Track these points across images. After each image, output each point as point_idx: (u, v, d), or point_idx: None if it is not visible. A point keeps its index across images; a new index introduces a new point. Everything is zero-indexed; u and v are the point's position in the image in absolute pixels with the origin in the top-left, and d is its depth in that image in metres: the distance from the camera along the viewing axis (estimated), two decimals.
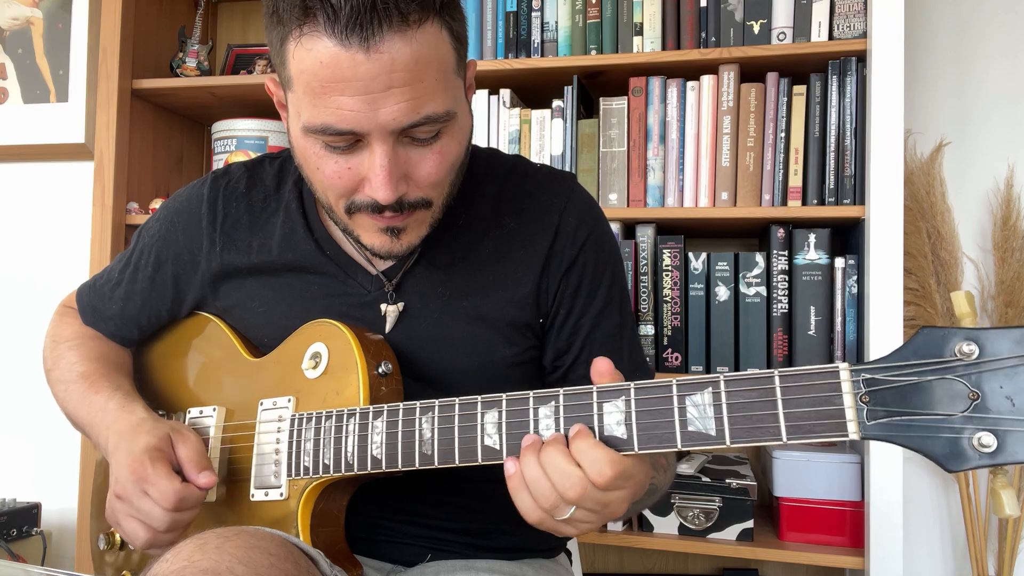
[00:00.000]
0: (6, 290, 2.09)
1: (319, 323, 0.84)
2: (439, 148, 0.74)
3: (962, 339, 0.54)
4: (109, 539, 0.94)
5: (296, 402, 0.83)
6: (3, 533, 1.69)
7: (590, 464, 0.63)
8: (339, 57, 0.67)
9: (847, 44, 1.44)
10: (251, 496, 0.84)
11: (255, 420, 0.86)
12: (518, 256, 0.87)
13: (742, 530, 1.46)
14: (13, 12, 2.00)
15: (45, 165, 2.08)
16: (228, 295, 0.93)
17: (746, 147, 1.48)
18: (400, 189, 0.74)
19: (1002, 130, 1.64)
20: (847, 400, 0.56)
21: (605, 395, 0.65)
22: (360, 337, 0.81)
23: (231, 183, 0.94)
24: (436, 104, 0.71)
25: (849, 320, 1.44)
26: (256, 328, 0.92)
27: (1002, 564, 1.52)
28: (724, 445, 0.61)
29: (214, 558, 0.63)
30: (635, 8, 1.55)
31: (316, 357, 0.83)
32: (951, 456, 0.54)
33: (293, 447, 0.81)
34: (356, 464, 0.76)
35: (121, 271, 0.99)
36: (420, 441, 0.73)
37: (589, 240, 0.88)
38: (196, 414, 0.92)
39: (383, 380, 0.80)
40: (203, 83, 1.75)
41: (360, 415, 0.77)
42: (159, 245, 0.95)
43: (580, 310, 0.88)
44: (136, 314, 0.98)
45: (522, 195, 0.89)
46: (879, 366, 0.56)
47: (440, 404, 0.73)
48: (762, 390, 0.60)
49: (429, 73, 0.70)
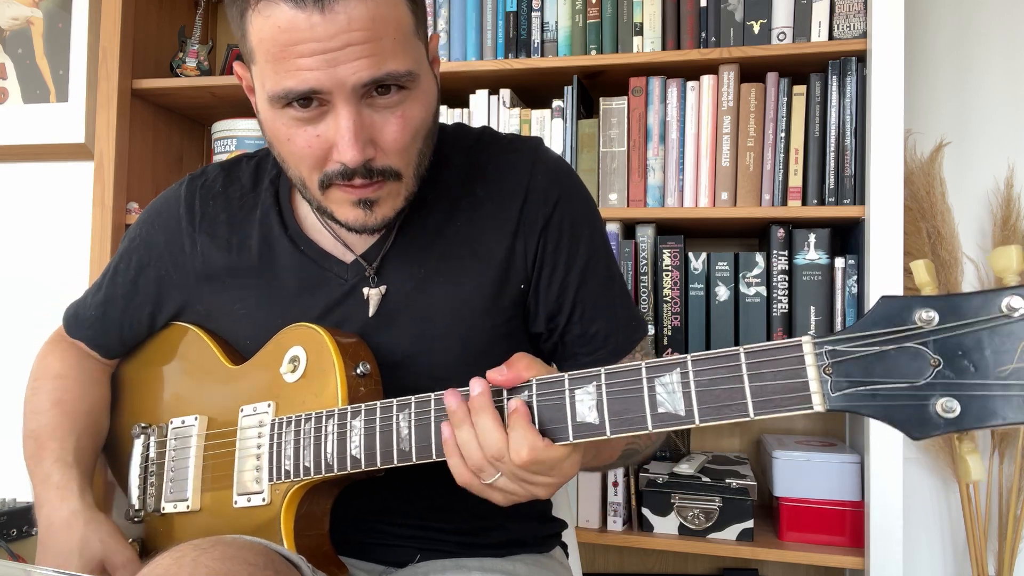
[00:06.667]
0: (6, 290, 2.09)
1: (297, 327, 0.84)
2: (402, 112, 0.74)
3: (922, 307, 0.54)
4: None
5: (276, 406, 0.83)
6: (3, 533, 1.69)
7: (513, 441, 0.65)
8: (296, 20, 0.68)
9: (847, 44, 1.44)
10: (234, 503, 0.84)
11: (235, 427, 0.86)
12: (490, 224, 0.85)
13: (742, 530, 1.46)
14: (13, 12, 2.00)
15: (45, 165, 2.08)
16: (210, 299, 0.92)
17: (746, 147, 1.48)
18: (367, 152, 0.73)
19: (1002, 130, 1.64)
20: (811, 372, 0.57)
21: (576, 381, 0.66)
22: (337, 339, 0.81)
23: (207, 183, 0.93)
24: (397, 62, 0.71)
25: (849, 320, 1.44)
26: (239, 331, 0.91)
27: (1002, 564, 1.52)
28: (694, 424, 0.61)
29: (189, 571, 0.63)
30: (635, 8, 1.55)
31: (295, 361, 0.83)
32: (915, 423, 0.54)
33: (274, 451, 0.81)
34: (336, 464, 0.76)
35: (102, 277, 0.98)
36: (398, 438, 0.73)
37: (562, 198, 0.86)
38: (179, 424, 0.91)
39: (362, 380, 0.80)
40: (203, 83, 1.75)
41: (339, 415, 0.77)
42: (140, 250, 0.95)
43: (564, 267, 0.86)
44: (118, 318, 0.97)
45: (487, 162, 0.88)
46: (841, 337, 0.56)
47: (416, 400, 0.73)
48: (729, 367, 0.60)
49: (387, 31, 0.70)
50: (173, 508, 0.89)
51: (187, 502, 0.88)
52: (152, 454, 0.93)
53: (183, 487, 0.89)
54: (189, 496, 0.88)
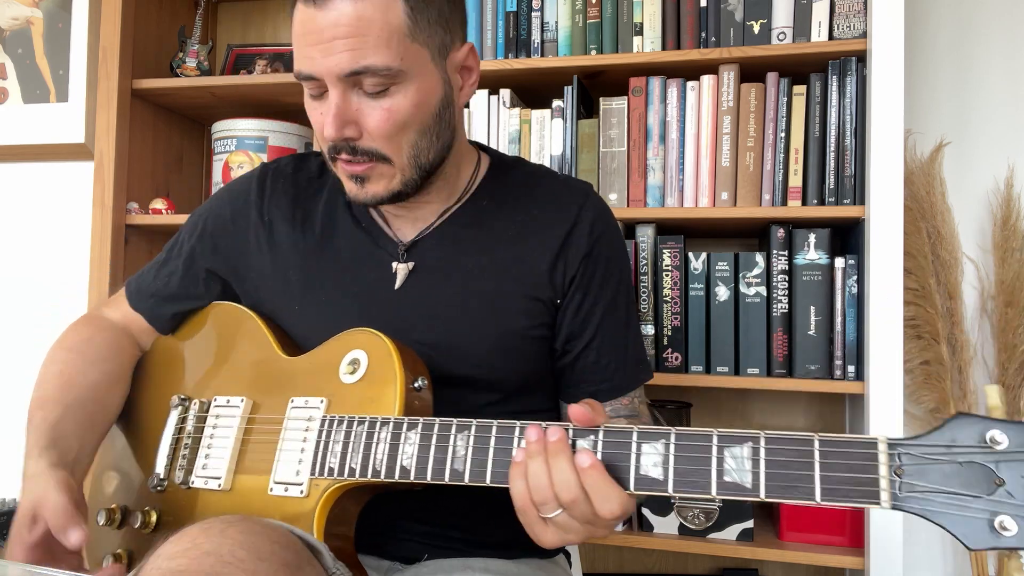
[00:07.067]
0: (6, 290, 2.09)
1: (360, 331, 0.86)
2: (388, 104, 0.84)
3: (994, 429, 0.59)
4: (110, 515, 0.94)
5: (328, 404, 0.85)
6: (3, 533, 1.69)
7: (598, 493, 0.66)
8: (305, 15, 0.82)
9: (847, 44, 1.44)
10: (269, 490, 0.84)
11: (283, 416, 0.87)
12: (537, 238, 0.94)
13: (742, 530, 1.46)
14: (13, 12, 2.00)
15: (45, 165, 2.08)
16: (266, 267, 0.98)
17: (746, 147, 1.48)
18: (347, 132, 0.84)
19: (1002, 130, 1.64)
20: (883, 471, 0.60)
21: (645, 436, 0.68)
22: (401, 350, 0.83)
23: (279, 168, 1.05)
24: (377, 58, 0.81)
25: (849, 320, 1.44)
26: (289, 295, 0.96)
27: (1002, 564, 1.52)
28: (758, 498, 0.63)
29: (217, 541, 0.65)
30: (635, 8, 1.55)
31: (355, 363, 0.85)
32: (972, 535, 0.58)
33: (320, 447, 0.82)
34: (384, 471, 0.77)
35: (165, 251, 1.06)
36: (453, 456, 0.75)
37: (604, 235, 0.96)
38: (223, 402, 0.93)
39: (417, 394, 0.82)
40: (203, 83, 1.75)
41: (394, 424, 0.79)
42: (206, 221, 1.03)
43: (594, 297, 0.95)
44: (176, 286, 1.03)
45: (544, 190, 0.99)
46: (916, 443, 0.60)
47: (477, 424, 0.75)
48: (801, 451, 0.63)
49: (372, 30, 0.80)
50: (203, 484, 0.89)
51: (219, 481, 0.88)
52: (190, 428, 0.93)
53: (218, 465, 0.89)
54: (223, 475, 0.88)
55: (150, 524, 0.91)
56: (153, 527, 0.92)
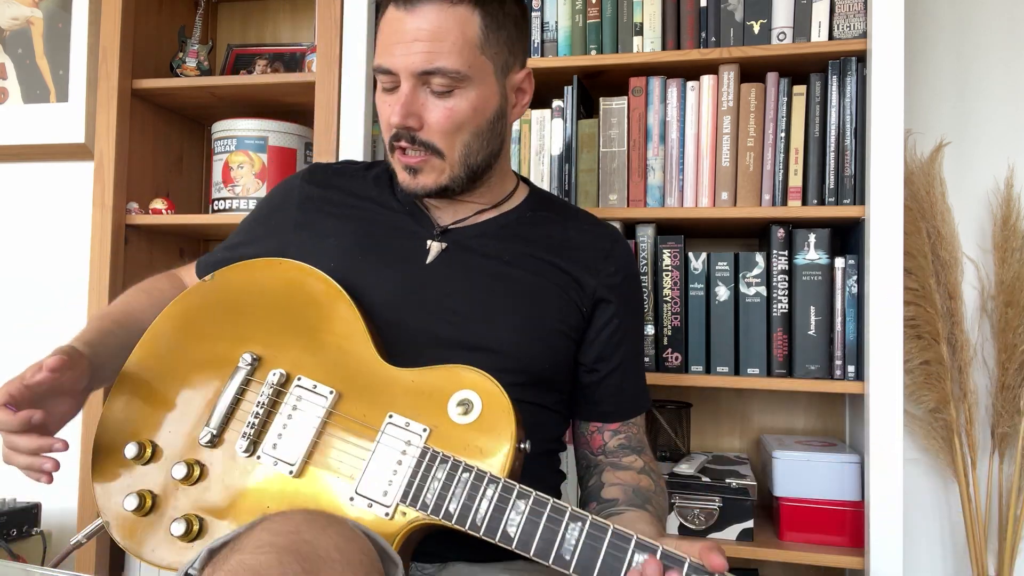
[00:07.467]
0: (6, 290, 2.09)
1: (473, 370, 0.87)
2: (451, 104, 0.95)
3: None
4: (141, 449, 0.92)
5: (430, 434, 0.85)
6: (3, 533, 1.69)
7: None
8: (394, 15, 0.94)
9: (847, 44, 1.44)
10: (349, 499, 0.84)
11: (377, 428, 0.87)
12: (576, 255, 1.05)
13: (742, 530, 1.46)
14: (13, 12, 2.00)
15: (45, 165, 2.08)
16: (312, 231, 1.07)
17: (746, 147, 1.48)
18: (410, 122, 0.95)
19: (1002, 130, 1.64)
20: None
21: None
22: (517, 411, 0.84)
23: (326, 164, 1.17)
24: (448, 61, 0.93)
25: (849, 320, 1.44)
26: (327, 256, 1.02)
27: (1002, 564, 1.52)
28: None
29: (319, 535, 0.70)
30: (635, 8, 1.55)
31: (466, 404, 0.85)
32: None
33: (417, 477, 0.82)
34: (484, 529, 0.79)
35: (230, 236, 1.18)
36: (561, 544, 0.76)
37: (631, 275, 1.10)
38: (308, 385, 0.91)
39: (519, 455, 0.83)
40: (203, 83, 1.75)
41: (504, 487, 0.79)
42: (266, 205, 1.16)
43: (623, 329, 1.06)
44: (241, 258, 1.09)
45: (581, 221, 1.11)
46: None
47: (593, 521, 0.76)
48: None
49: (448, 38, 0.92)
50: (272, 463, 0.88)
51: (292, 467, 0.87)
52: (263, 398, 0.91)
53: (292, 448, 0.88)
54: (296, 462, 0.87)
55: (193, 477, 0.89)
56: (195, 481, 0.89)
